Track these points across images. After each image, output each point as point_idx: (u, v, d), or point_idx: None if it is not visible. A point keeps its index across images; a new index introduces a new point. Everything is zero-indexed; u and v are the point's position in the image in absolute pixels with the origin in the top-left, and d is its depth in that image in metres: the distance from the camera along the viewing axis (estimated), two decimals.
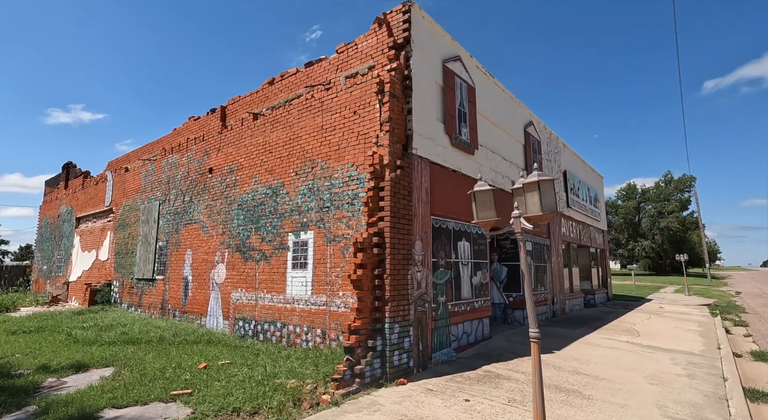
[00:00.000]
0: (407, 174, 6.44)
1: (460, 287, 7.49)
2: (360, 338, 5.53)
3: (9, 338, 8.75)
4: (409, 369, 5.95)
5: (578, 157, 16.33)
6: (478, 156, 8.55)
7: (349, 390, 5.09)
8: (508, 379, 5.80)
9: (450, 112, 7.68)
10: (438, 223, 7.12)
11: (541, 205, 3.45)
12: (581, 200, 15.70)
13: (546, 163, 12.59)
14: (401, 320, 5.93)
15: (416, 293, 6.30)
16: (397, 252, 6.03)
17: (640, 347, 8.10)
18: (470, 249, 7.96)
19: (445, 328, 6.92)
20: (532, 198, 3.50)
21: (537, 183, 3.49)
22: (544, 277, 11.42)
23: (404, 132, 6.65)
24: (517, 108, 10.90)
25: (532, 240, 10.97)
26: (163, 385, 5.18)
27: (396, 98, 6.51)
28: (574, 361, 6.78)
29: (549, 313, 11.48)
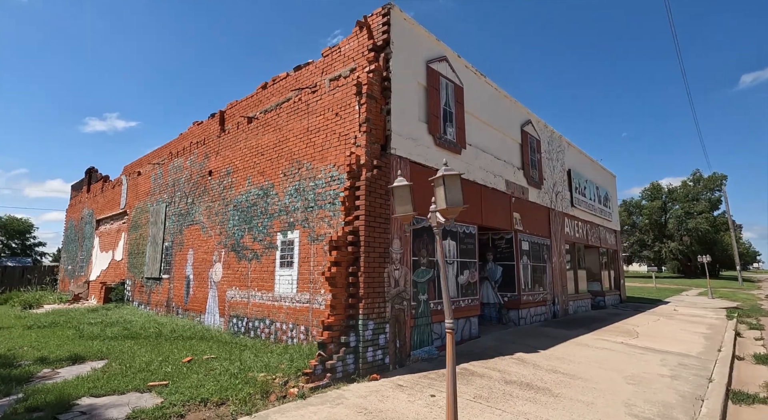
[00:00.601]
0: (384, 174, 6.54)
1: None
2: (333, 334, 5.67)
3: (23, 332, 9.31)
4: (384, 365, 6.05)
5: (585, 155, 16.02)
6: (466, 155, 8.57)
7: (318, 384, 5.23)
8: (482, 376, 5.82)
9: (434, 112, 7.74)
10: (419, 222, 7.18)
11: (446, 199, 3.48)
12: (588, 199, 15.40)
13: (546, 161, 12.43)
14: (376, 317, 6.03)
15: (393, 291, 6.39)
16: (372, 250, 6.14)
17: (634, 348, 7.92)
18: (456, 248, 7.99)
19: (426, 326, 6.98)
20: (439, 192, 3.55)
21: (442, 178, 3.53)
22: (543, 278, 11.27)
23: (383, 132, 6.77)
24: (513, 107, 10.83)
25: (530, 239, 10.86)
26: (144, 376, 5.44)
27: (374, 99, 6.63)
28: (557, 361, 6.71)
29: (549, 313, 11.32)
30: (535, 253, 11.00)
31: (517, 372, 6.04)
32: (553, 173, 12.83)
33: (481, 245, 10.56)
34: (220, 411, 4.39)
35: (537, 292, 10.81)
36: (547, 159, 12.54)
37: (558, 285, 12.05)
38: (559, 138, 13.65)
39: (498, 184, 9.63)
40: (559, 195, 13.01)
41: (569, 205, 13.71)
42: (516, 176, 10.49)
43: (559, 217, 12.73)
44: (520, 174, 10.73)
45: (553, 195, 12.51)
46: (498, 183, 9.64)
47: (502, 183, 9.80)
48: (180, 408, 4.38)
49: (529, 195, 11.00)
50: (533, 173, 11.35)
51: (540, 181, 11.68)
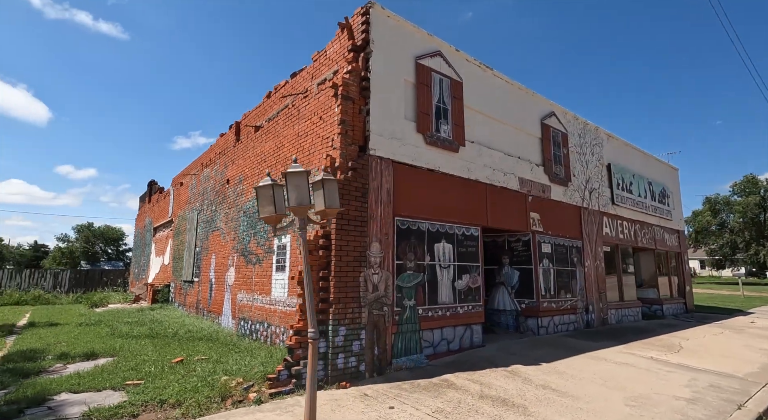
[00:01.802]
0: (361, 175, 6.38)
1: (436, 291, 7.16)
2: (302, 339, 5.60)
3: (72, 329, 10.37)
4: (359, 373, 5.86)
5: (633, 147, 14.51)
6: (466, 153, 8.11)
7: (281, 390, 5.19)
8: (459, 389, 5.41)
9: (423, 110, 7.44)
10: (406, 224, 6.91)
11: (324, 201, 3.24)
12: (636, 196, 13.89)
13: (577, 156, 11.43)
14: (349, 323, 5.87)
15: (371, 296, 6.18)
16: (345, 254, 6.00)
17: (663, 365, 6.94)
18: (452, 251, 7.57)
19: (413, 334, 6.67)
20: (318, 195, 3.32)
21: (321, 181, 3.29)
22: (571, 283, 10.33)
23: (362, 133, 6.62)
24: (530, 100, 10.11)
25: (552, 241, 10.01)
26: (126, 375, 5.77)
27: (350, 100, 6.52)
28: (555, 375, 6.06)
29: (580, 323, 10.33)
30: (560, 255, 10.12)
31: (500, 386, 5.54)
32: (587, 169, 11.76)
33: (497, 248, 9.93)
34: (171, 413, 4.51)
35: (562, 298, 9.92)
36: (578, 153, 11.52)
37: (593, 291, 10.97)
38: (594, 130, 12.50)
39: (509, 183, 9.00)
40: (595, 192, 11.88)
41: (609, 202, 12.47)
42: (534, 173, 9.74)
43: (594, 217, 11.62)
44: (540, 171, 9.95)
45: (585, 192, 11.46)
46: (509, 181, 9.01)
47: (514, 181, 9.15)
48: (135, 408, 4.56)
49: (551, 193, 10.16)
50: (557, 169, 10.48)
51: (567, 177, 10.75)
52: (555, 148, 10.56)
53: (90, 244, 56.90)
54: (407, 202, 6.98)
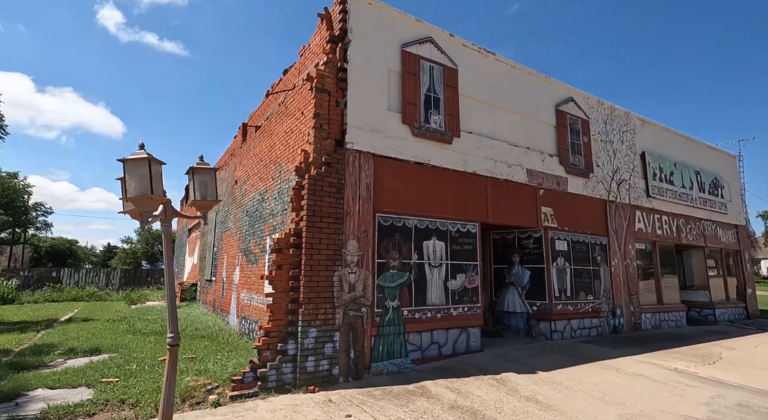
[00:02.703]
0: (336, 170, 6.11)
1: (425, 291, 6.73)
2: (270, 341, 5.44)
3: (99, 324, 10.97)
4: (331, 377, 5.59)
5: (676, 134, 13.08)
6: (462, 145, 7.59)
7: (245, 392, 5.05)
8: (431, 397, 4.99)
9: (410, 100, 7.03)
10: (389, 220, 6.55)
11: (194, 192, 2.95)
12: (679, 187, 12.49)
13: (601, 145, 10.44)
14: (321, 324, 5.62)
15: (347, 296, 5.89)
16: (317, 252, 5.75)
17: (687, 378, 6.07)
18: (445, 249, 7.09)
19: (397, 336, 6.30)
20: (191, 186, 3.03)
21: (192, 170, 3.01)
22: (592, 284, 9.42)
23: (339, 127, 6.35)
24: (542, 86, 9.34)
25: (569, 238, 9.17)
26: (108, 372, 5.88)
27: (325, 93, 6.27)
28: (547, 386, 5.45)
29: (604, 327, 9.39)
30: (579, 253, 9.26)
31: (479, 396, 5.05)
32: (614, 158, 10.71)
33: (506, 245, 9.26)
34: (125, 413, 4.48)
35: (582, 300, 9.06)
36: (603, 141, 10.52)
37: (621, 293, 9.95)
38: (625, 115, 11.37)
39: (515, 175, 8.34)
40: (625, 184, 10.79)
41: (643, 195, 11.29)
42: (546, 164, 8.98)
43: (623, 211, 10.55)
44: (554, 161, 9.16)
45: (612, 184, 10.43)
46: (515, 173, 8.35)
47: (521, 173, 8.46)
48: (93, 407, 4.58)
49: (568, 185, 9.32)
50: (575, 160, 9.61)
51: (588, 168, 9.83)
52: (573, 136, 9.69)
53: (149, 246, 61.19)
54: (391, 198, 6.62)
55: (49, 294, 21.71)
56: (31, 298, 21.15)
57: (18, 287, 21.95)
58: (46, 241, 48.58)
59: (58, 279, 23.51)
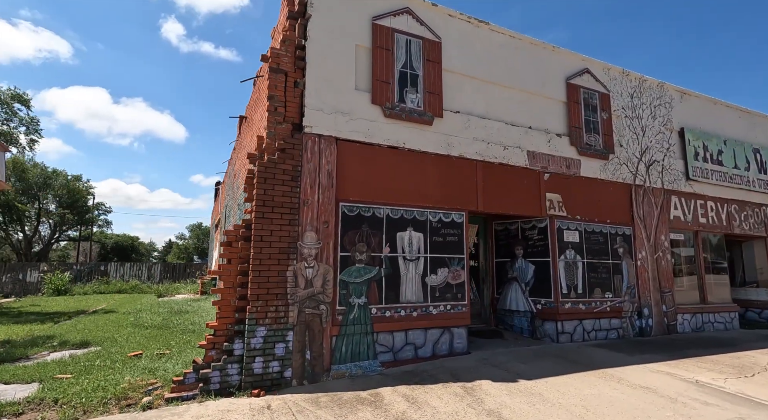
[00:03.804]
0: (291, 156, 5.65)
1: (397, 288, 6.12)
2: (216, 339, 5.11)
3: (113, 317, 11.37)
4: (283, 379, 5.17)
5: (727, 106, 11.30)
6: (445, 125, 6.85)
7: (183, 394, 4.76)
8: (379, 407, 4.42)
9: (382, 78, 6.40)
10: (355, 210, 6.00)
11: None
12: (729, 168, 10.80)
13: (626, 121, 9.16)
14: (271, 322, 5.20)
15: (303, 293, 5.43)
16: (268, 245, 5.33)
17: (707, 394, 5.02)
18: (423, 241, 6.42)
19: (363, 336, 5.76)
20: None
21: None
22: (613, 279, 8.28)
23: (298, 110, 5.87)
24: (548, 57, 8.29)
25: (582, 227, 8.10)
26: (68, 367, 5.85)
27: (281, 73, 5.81)
28: (521, 398, 4.67)
29: (627, 329, 8.24)
30: (594, 245, 8.16)
31: (434, 407, 4.40)
32: (643, 136, 9.38)
33: (509, 237, 8.36)
34: (50, 414, 4.33)
35: (597, 298, 7.98)
36: (629, 118, 9.23)
37: (650, 290, 8.70)
38: (658, 87, 9.93)
39: (512, 158, 7.45)
40: (656, 165, 9.43)
41: (681, 177, 9.83)
42: (553, 145, 7.96)
43: (653, 196, 9.22)
44: (562, 142, 8.11)
45: (640, 166, 9.14)
46: (512, 156, 7.46)
47: (520, 156, 7.55)
48: (22, 406, 4.45)
49: (581, 168, 8.23)
50: (590, 139, 8.47)
51: (607, 148, 8.65)
52: (588, 112, 8.55)
53: (200, 241, 64.57)
54: (358, 185, 6.06)
55: (97, 286, 23.28)
56: (81, 290, 22.77)
57: (71, 280, 23.72)
58: (111, 238, 52.60)
59: (105, 272, 25.17)
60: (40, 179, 37.84)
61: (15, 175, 36.97)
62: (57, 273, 23.00)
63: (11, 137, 14.88)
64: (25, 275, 23.88)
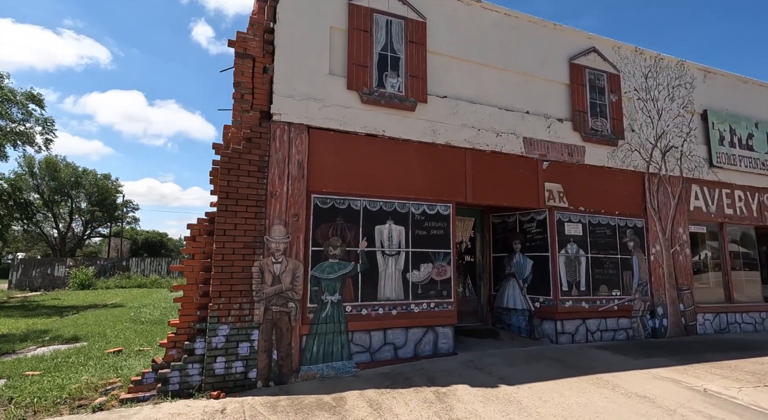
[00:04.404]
0: (258, 146, 5.35)
1: (375, 284, 5.76)
2: (178, 338, 4.91)
3: (117, 311, 11.53)
4: (247, 381, 4.92)
5: (758, 84, 10.27)
6: (431, 111, 6.40)
7: (139, 395, 4.58)
8: (336, 414, 4.09)
9: (358, 61, 6.01)
10: (329, 202, 5.66)
11: None
12: (760, 154, 9.82)
13: (639, 104, 8.41)
14: (235, 321, 4.95)
15: (270, 290, 5.16)
16: (232, 239, 5.07)
17: (713, 405, 4.43)
18: (405, 234, 6.02)
19: (337, 335, 5.44)
20: None
21: None
22: (622, 276, 7.63)
23: (267, 97, 5.57)
24: (549, 36, 7.66)
25: (588, 220, 7.47)
26: (34, 365, 5.79)
27: (248, 58, 5.52)
28: (498, 406, 4.23)
29: (638, 330, 7.59)
30: (600, 239, 7.53)
31: (398, 414, 4.04)
32: (658, 120, 8.60)
33: (507, 230, 7.82)
34: None
35: (603, 296, 7.36)
36: (642, 100, 8.47)
37: (665, 288, 7.99)
38: (678, 66, 9.09)
39: (506, 145, 6.92)
40: (674, 151, 8.64)
41: (704, 164, 8.99)
42: (553, 131, 7.36)
43: (670, 185, 8.45)
44: (564, 127, 7.49)
45: (655, 152, 8.39)
46: (506, 143, 6.92)
47: (515, 143, 7.00)
48: None
49: (585, 156, 7.59)
50: (597, 124, 7.80)
51: (615, 133, 7.95)
52: (594, 95, 7.87)
53: None
54: (332, 176, 5.72)
55: (119, 281, 23.98)
56: (104, 284, 23.50)
57: (95, 274, 24.54)
58: (141, 234, 54.48)
59: (127, 267, 25.93)
60: (71, 178, 39.49)
61: (48, 175, 38.71)
62: (81, 268, 23.84)
63: (28, 136, 15.40)
64: (53, 270, 24.88)
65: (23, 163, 35.52)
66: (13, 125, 14.65)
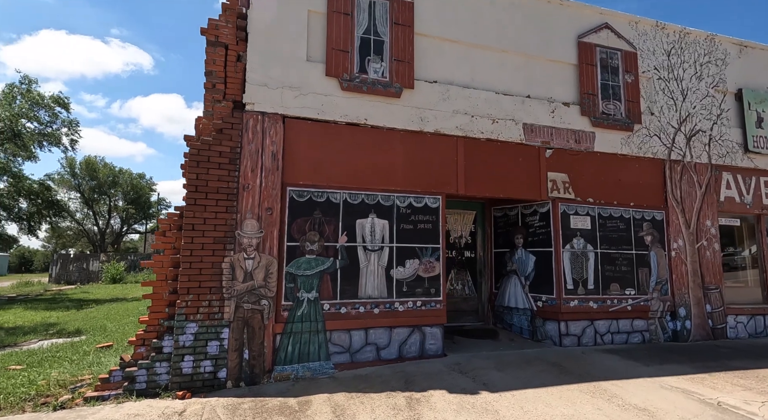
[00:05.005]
0: (230, 137, 5.15)
1: (356, 281, 5.46)
2: (147, 335, 4.81)
3: (131, 305, 11.81)
4: (216, 380, 4.75)
5: None
6: (418, 97, 6.00)
7: (104, 394, 4.49)
8: (295, 419, 3.84)
9: (338, 46, 5.69)
10: (306, 195, 5.40)
11: None
12: None
13: (659, 83, 7.64)
14: (204, 318, 4.79)
15: (242, 286, 4.96)
16: (201, 234, 4.90)
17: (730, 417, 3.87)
18: (389, 228, 5.68)
19: (314, 335, 5.18)
20: None
21: None
22: (637, 273, 6.96)
23: (240, 86, 5.35)
24: (554, 12, 7.04)
25: (598, 212, 6.85)
26: (22, 359, 5.85)
27: (220, 46, 5.31)
28: (472, 416, 3.84)
29: (656, 333, 6.91)
30: (612, 232, 6.89)
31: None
32: (683, 101, 7.79)
33: (509, 224, 7.30)
34: None
35: (615, 295, 6.74)
36: (663, 79, 7.69)
37: (688, 286, 7.24)
38: (707, 41, 8.20)
39: (504, 133, 6.41)
40: (701, 136, 7.81)
41: (737, 149, 8.08)
42: (558, 116, 6.78)
43: (696, 173, 7.64)
44: (571, 112, 6.88)
45: (678, 137, 7.61)
46: (504, 130, 6.42)
47: (514, 129, 6.48)
48: None
49: (594, 143, 6.96)
50: (609, 107, 7.13)
51: (631, 117, 7.25)
52: (606, 75, 7.20)
53: None
54: (310, 167, 5.45)
55: (147, 275, 24.84)
56: (134, 278, 24.43)
57: (126, 269, 25.55)
58: None
59: None
60: (109, 177, 41.43)
61: (88, 174, 40.75)
62: (113, 263, 24.89)
63: (55, 138, 16.13)
64: (89, 265, 26.12)
65: (65, 164, 37.60)
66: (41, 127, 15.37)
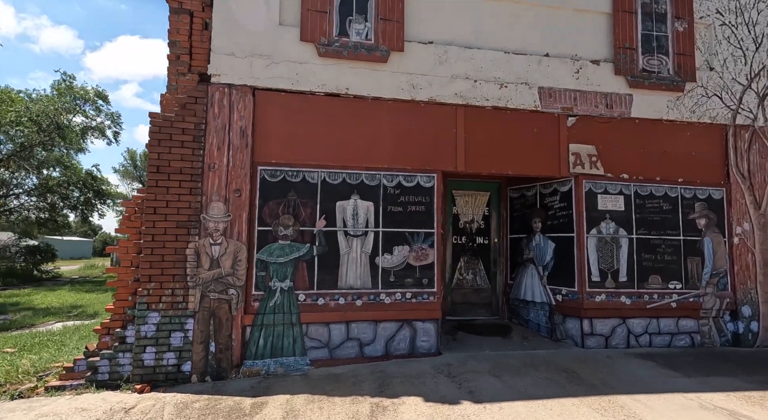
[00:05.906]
0: (194, 112, 4.74)
1: (336, 270, 4.91)
2: (112, 325, 4.60)
3: None
4: (180, 374, 4.45)
5: None
6: (408, 61, 5.22)
7: (66, 384, 4.35)
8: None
9: (314, 6, 5.05)
10: (279, 174, 4.90)
11: None
12: None
13: (721, 30, 6.22)
14: (167, 308, 4.48)
15: (207, 274, 4.59)
16: (163, 218, 4.57)
17: None
18: (374, 211, 5.04)
19: (288, 327, 4.73)
20: None
21: None
22: (685, 263, 5.77)
23: (207, 56, 4.90)
24: None
25: (634, 190, 5.71)
26: (22, 341, 5.95)
27: (185, 13, 4.88)
28: None
29: (710, 335, 5.71)
30: (652, 214, 5.74)
31: None
32: (755, 52, 6.28)
33: (526, 206, 6.35)
34: None
35: (654, 289, 5.62)
36: (729, 25, 6.24)
37: (754, 280, 5.91)
38: None
39: (514, 98, 5.47)
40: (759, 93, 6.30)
41: None
42: (584, 77, 5.69)
43: None
44: (602, 71, 5.74)
45: (746, 97, 6.17)
46: (514, 96, 5.47)
47: (527, 95, 5.51)
48: None
49: (631, 107, 5.78)
50: (652, 63, 5.88)
51: (682, 74, 5.94)
52: (649, 24, 5.93)
53: None
54: (284, 144, 4.93)
55: None
56: None
57: None
58: None
59: None
60: None
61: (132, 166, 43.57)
62: None
63: (100, 130, 17.07)
64: None
65: (127, 157, 40.45)
66: (87, 121, 16.32)
